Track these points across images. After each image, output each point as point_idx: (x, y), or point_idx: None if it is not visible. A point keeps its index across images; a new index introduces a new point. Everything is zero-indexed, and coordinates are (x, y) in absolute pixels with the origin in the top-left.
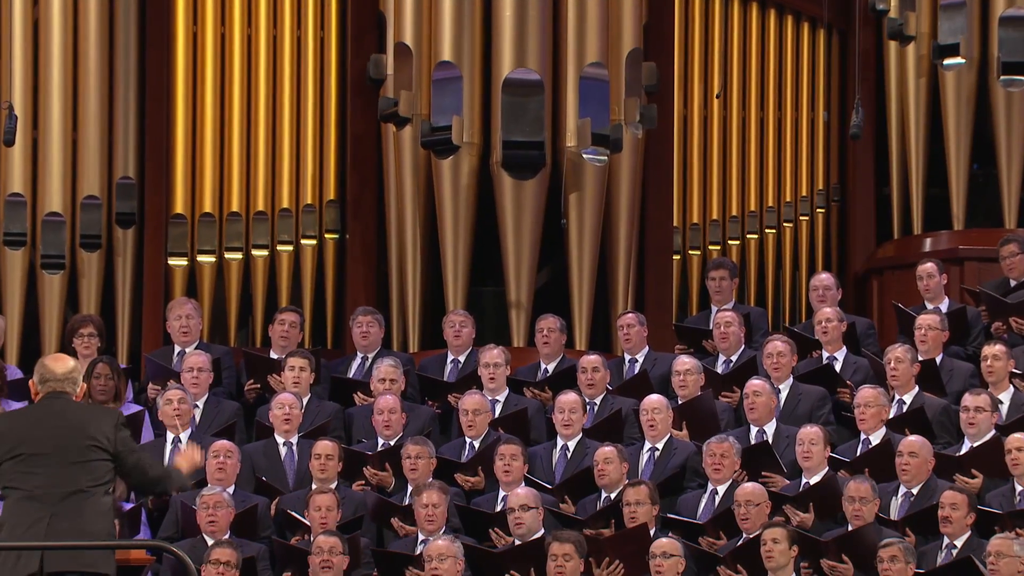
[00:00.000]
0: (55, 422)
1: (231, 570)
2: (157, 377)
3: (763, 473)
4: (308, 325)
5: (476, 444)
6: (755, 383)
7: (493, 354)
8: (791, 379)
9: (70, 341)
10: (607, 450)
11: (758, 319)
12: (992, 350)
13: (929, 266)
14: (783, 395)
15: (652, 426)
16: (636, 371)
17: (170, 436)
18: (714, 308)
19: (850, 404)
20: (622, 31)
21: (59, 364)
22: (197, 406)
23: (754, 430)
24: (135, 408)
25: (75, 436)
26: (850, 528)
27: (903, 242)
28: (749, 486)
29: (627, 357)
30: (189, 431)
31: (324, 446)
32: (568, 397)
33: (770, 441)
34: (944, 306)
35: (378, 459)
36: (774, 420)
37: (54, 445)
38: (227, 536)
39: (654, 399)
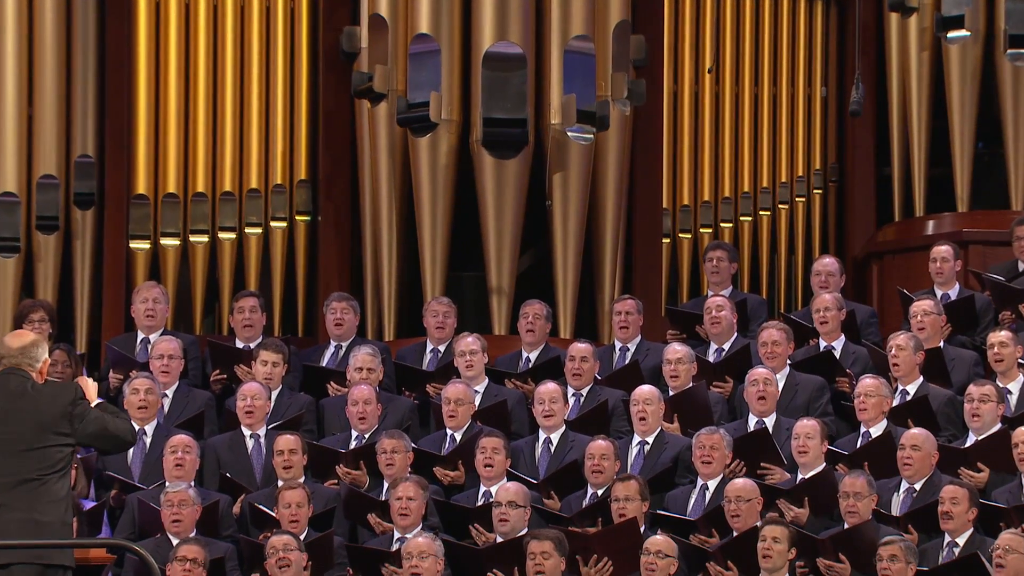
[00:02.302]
0: (7, 404)
1: (198, 568)
2: (118, 365)
3: (762, 464)
4: (278, 312)
5: (457, 436)
6: (763, 371)
7: (467, 341)
8: (787, 368)
9: (20, 327)
10: (603, 444)
11: (757, 307)
12: (998, 337)
13: (944, 249)
14: (780, 385)
15: (643, 419)
16: (626, 360)
17: (135, 427)
18: (710, 293)
19: (849, 394)
20: (609, 2)
21: (15, 339)
22: (166, 395)
23: (753, 420)
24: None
25: (29, 420)
26: (846, 525)
27: (905, 225)
28: (739, 482)
29: (618, 345)
30: (155, 423)
31: (286, 441)
32: (548, 387)
33: (770, 432)
34: (954, 292)
35: (352, 457)
36: (773, 412)
37: (5, 430)
38: (193, 535)
39: (645, 390)
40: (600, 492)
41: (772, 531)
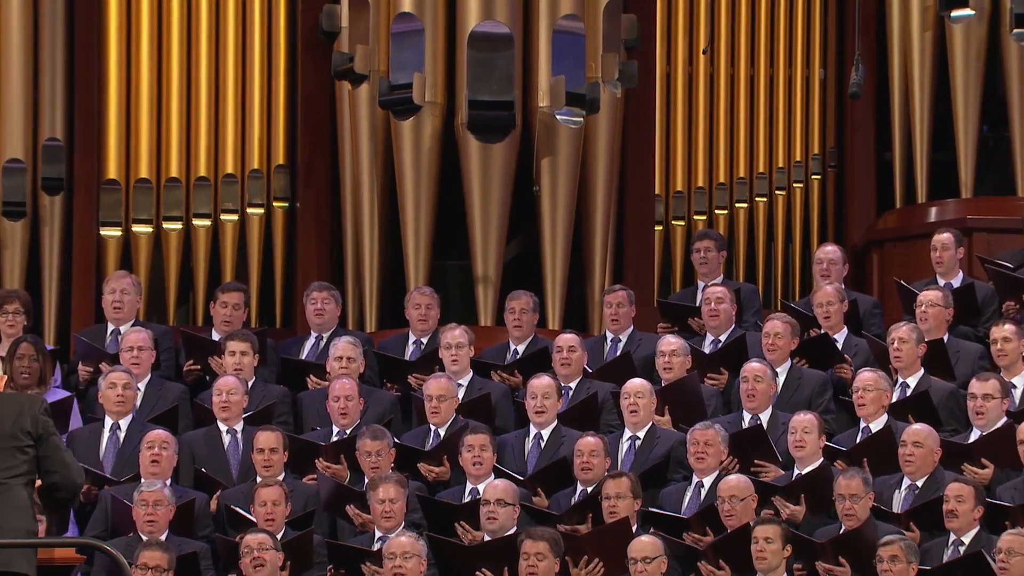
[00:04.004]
0: None
1: (162, 574)
2: (88, 358)
3: (756, 461)
4: (255, 302)
5: (441, 432)
6: (755, 366)
7: (455, 334)
8: (789, 362)
9: None
10: (592, 441)
11: (749, 296)
12: (1002, 331)
13: (946, 236)
14: (780, 379)
15: (634, 412)
16: (617, 352)
17: (108, 422)
18: (700, 284)
19: (849, 382)
20: None
21: None
22: (138, 388)
23: (747, 417)
24: (62, 393)
25: None
26: (843, 528)
27: (906, 212)
28: (733, 479)
29: (609, 336)
30: (130, 417)
31: (267, 438)
32: (542, 381)
33: (764, 429)
34: (957, 281)
35: (332, 450)
36: (770, 407)
37: None
38: (165, 535)
39: (637, 383)
40: (590, 489)
41: (764, 531)
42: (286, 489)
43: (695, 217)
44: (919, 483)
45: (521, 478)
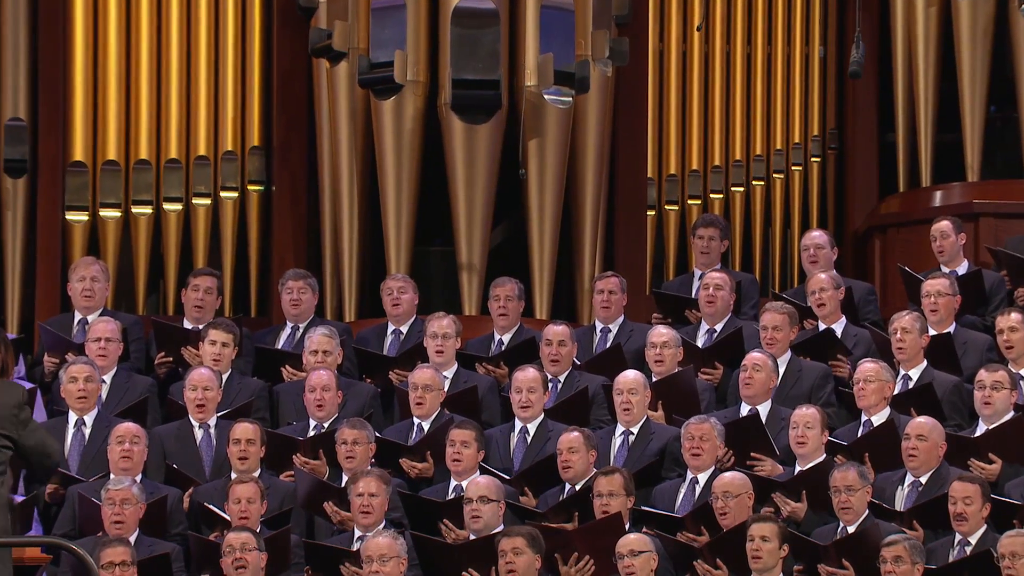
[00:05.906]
0: None
1: (128, 569)
2: (54, 349)
3: (752, 455)
4: (228, 290)
5: (425, 425)
6: (756, 355)
7: (442, 324)
8: (789, 353)
9: None
10: (572, 436)
11: (749, 288)
12: (1008, 321)
13: (944, 224)
14: (780, 371)
15: (627, 408)
16: (607, 342)
17: (72, 417)
18: (696, 271)
19: (847, 379)
20: None
21: None
22: (104, 381)
23: (745, 410)
24: (25, 386)
25: None
26: (841, 523)
27: (910, 196)
28: (728, 475)
29: (598, 327)
30: (95, 411)
31: (244, 429)
32: (527, 374)
33: (761, 419)
34: (961, 270)
35: (310, 445)
36: (769, 400)
37: None
38: (135, 535)
39: (630, 376)
40: (579, 487)
41: (760, 529)
42: (262, 486)
43: (689, 202)
44: (922, 479)
45: (507, 477)
